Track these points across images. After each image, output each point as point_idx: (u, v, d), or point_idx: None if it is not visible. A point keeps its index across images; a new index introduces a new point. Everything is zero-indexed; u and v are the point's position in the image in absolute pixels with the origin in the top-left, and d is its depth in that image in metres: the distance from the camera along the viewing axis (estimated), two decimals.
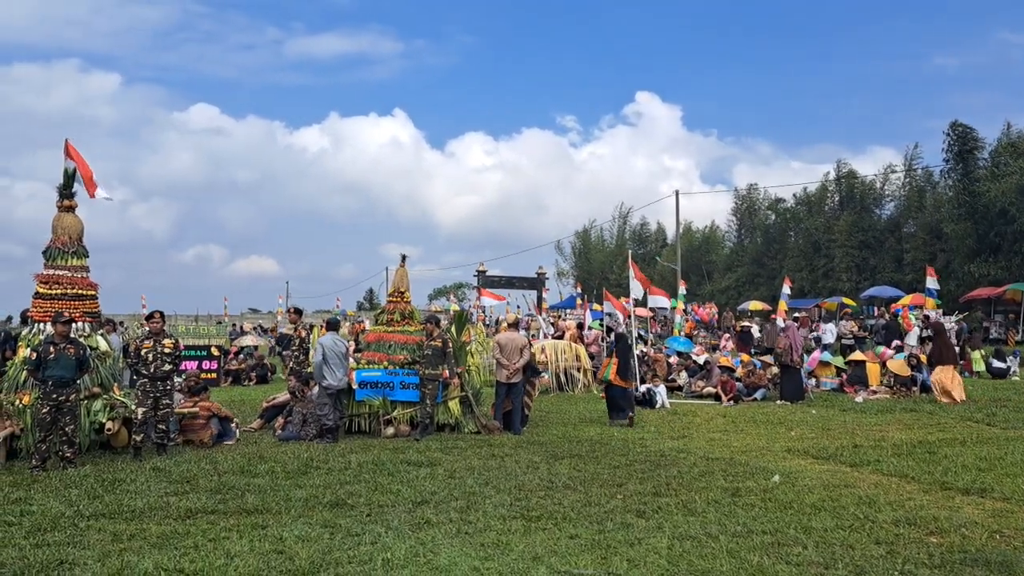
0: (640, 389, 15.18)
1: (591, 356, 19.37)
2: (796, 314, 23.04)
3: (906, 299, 28.16)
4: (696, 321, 30.75)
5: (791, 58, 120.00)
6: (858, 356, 18.32)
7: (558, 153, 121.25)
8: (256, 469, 8.72)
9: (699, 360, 19.11)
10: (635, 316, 18.93)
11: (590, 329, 24.11)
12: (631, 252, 20.64)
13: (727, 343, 23.35)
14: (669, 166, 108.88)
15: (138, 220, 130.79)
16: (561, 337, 20.54)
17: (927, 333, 16.37)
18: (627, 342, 14.16)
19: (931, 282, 23.39)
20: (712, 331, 30.17)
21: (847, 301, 34.26)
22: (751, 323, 28.11)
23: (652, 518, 6.62)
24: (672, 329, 27.70)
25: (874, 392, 16.34)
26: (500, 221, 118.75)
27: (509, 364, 11.78)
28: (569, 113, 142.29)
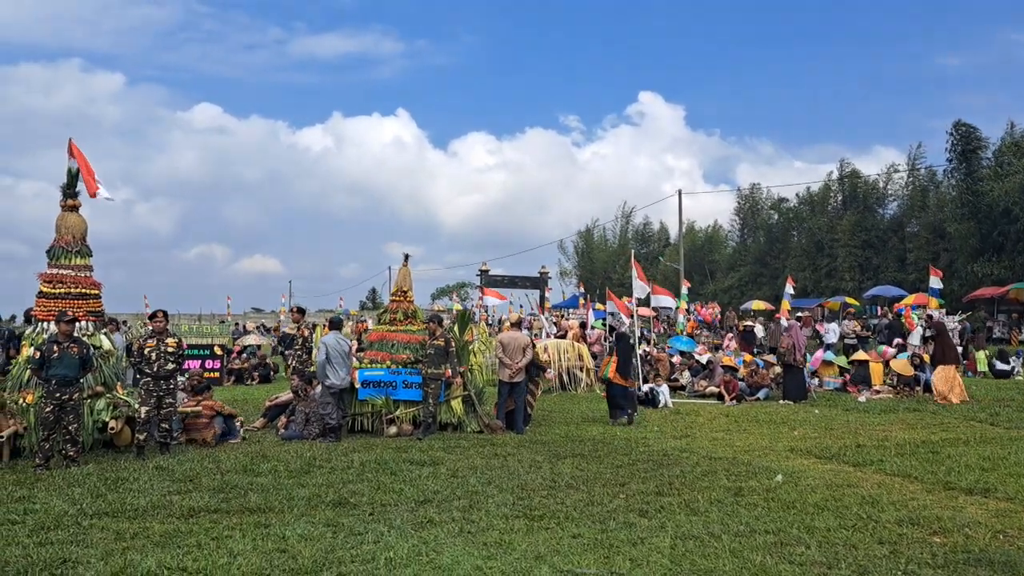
0: (643, 388, 15.18)
1: (594, 356, 19.36)
2: (799, 314, 23.03)
3: (909, 299, 28.14)
4: (699, 321, 30.74)
5: (794, 58, 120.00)
6: (861, 356, 18.30)
7: (561, 153, 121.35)
8: (259, 468, 8.72)
9: (702, 360, 19.09)
10: (638, 315, 18.91)
11: (593, 328, 24.09)
12: (634, 252, 20.62)
13: (730, 342, 23.34)
14: (672, 166, 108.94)
15: (142, 219, 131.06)
16: (564, 337, 20.53)
17: (930, 333, 16.32)
18: (628, 340, 14.16)
19: (934, 282, 23.36)
20: (715, 331, 30.16)
21: (850, 301, 34.25)
22: (755, 322, 28.07)
23: (655, 517, 6.62)
24: (675, 328, 27.71)
25: (877, 392, 16.32)
26: (503, 220, 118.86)
27: (512, 364, 11.78)
28: (572, 113, 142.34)
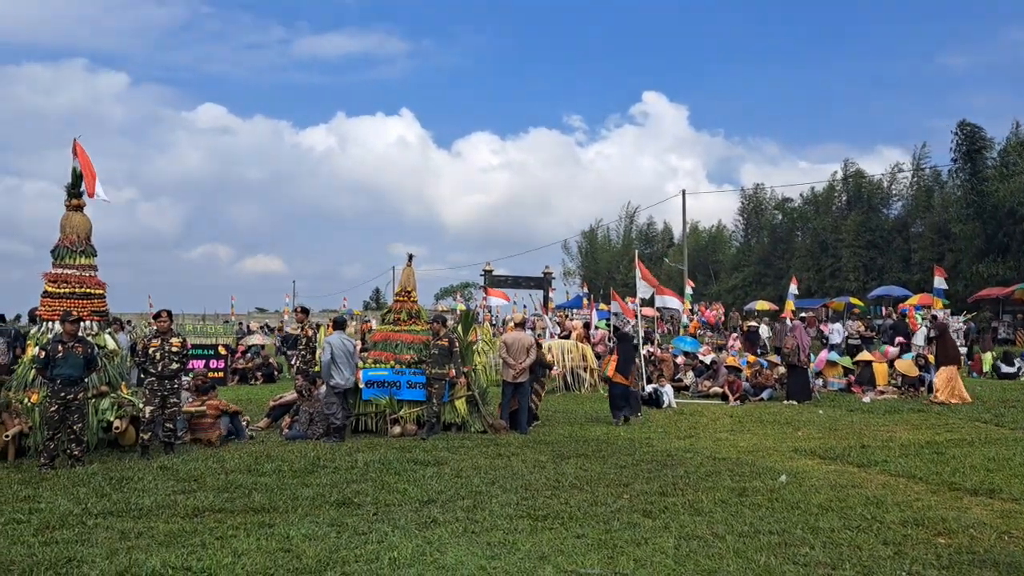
0: (647, 389, 15.18)
1: (597, 356, 19.34)
2: (803, 314, 22.99)
3: (914, 299, 28.08)
4: (702, 322, 30.71)
5: (798, 58, 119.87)
6: (866, 356, 18.29)
7: (565, 153, 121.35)
8: (263, 468, 8.73)
9: (706, 360, 19.08)
10: (641, 316, 18.90)
11: (596, 329, 24.08)
12: (638, 252, 20.60)
13: (734, 343, 23.31)
14: (676, 166, 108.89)
15: (146, 219, 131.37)
16: (568, 337, 20.52)
17: (935, 333, 16.29)
18: (629, 340, 14.16)
19: (939, 282, 23.32)
20: (719, 332, 30.14)
21: (855, 301, 34.19)
22: (759, 322, 28.04)
23: (659, 518, 6.61)
24: (679, 329, 27.70)
25: (881, 392, 16.30)
26: (507, 221, 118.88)
27: (516, 364, 11.78)
28: (576, 113, 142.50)
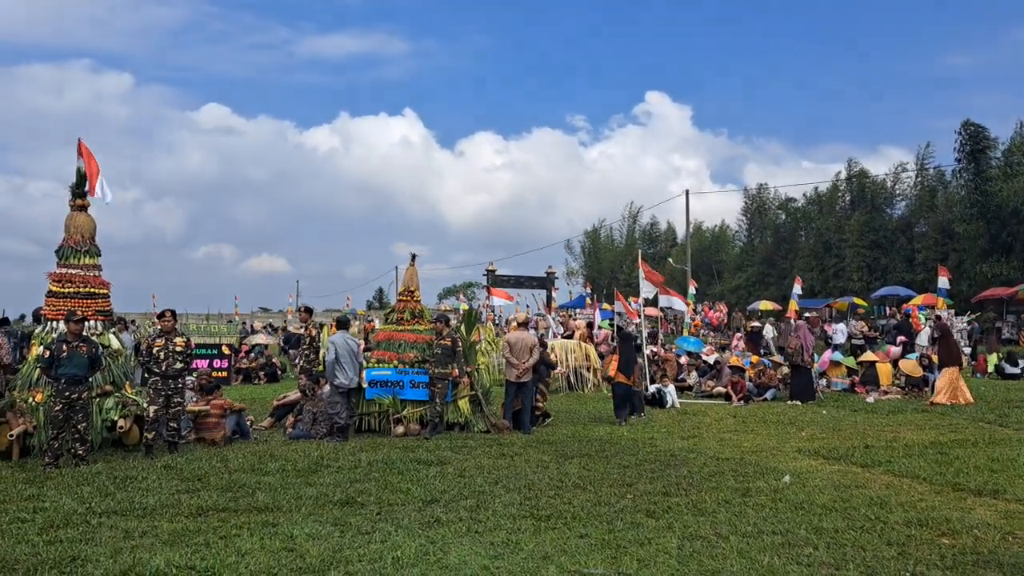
0: (650, 389, 15.17)
1: (600, 356, 19.34)
2: (807, 314, 22.95)
3: (917, 299, 28.04)
4: (704, 323, 30.68)
5: (802, 58, 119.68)
6: (870, 356, 18.26)
7: (568, 153, 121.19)
8: (267, 467, 8.74)
9: (709, 360, 19.07)
10: (645, 316, 18.90)
11: (600, 328, 24.08)
12: (641, 252, 20.58)
13: (738, 343, 23.29)
14: (679, 166, 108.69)
15: (150, 219, 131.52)
16: (571, 337, 20.52)
17: (938, 334, 16.26)
18: (631, 339, 14.16)
19: (943, 282, 23.27)
20: (721, 332, 30.11)
21: (858, 301, 34.12)
22: (765, 322, 27.99)
23: (662, 518, 6.61)
24: (683, 329, 27.67)
25: (885, 392, 16.27)
26: (510, 220, 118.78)
27: (519, 363, 11.78)
28: (579, 113, 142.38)
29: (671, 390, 15.30)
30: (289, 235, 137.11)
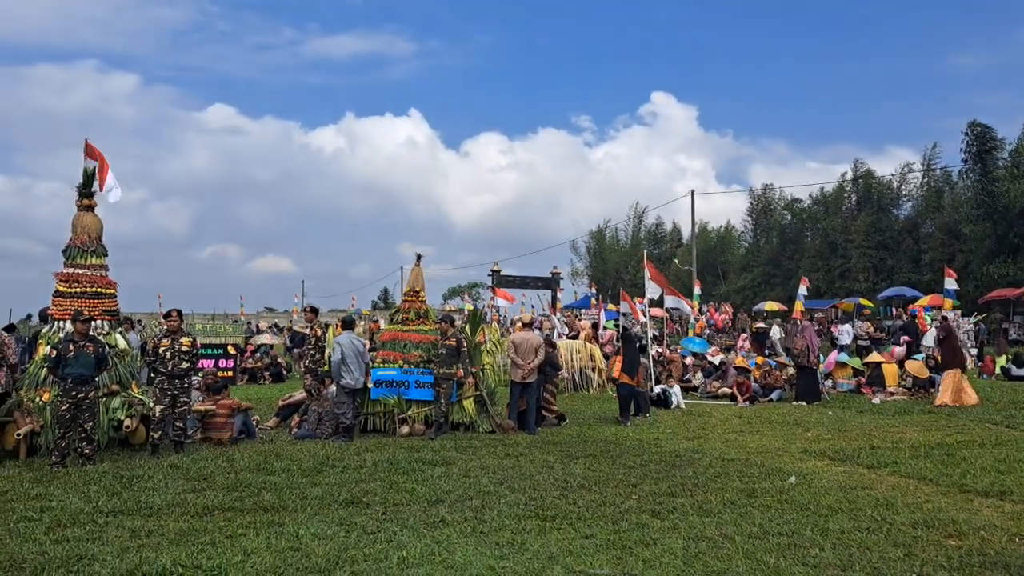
0: (655, 389, 15.16)
1: (606, 356, 19.33)
2: (819, 314, 22.86)
3: (924, 300, 27.96)
4: (708, 323, 30.60)
5: (808, 58, 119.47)
6: (875, 357, 18.19)
7: (573, 153, 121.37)
8: (272, 467, 8.76)
9: (714, 361, 19.04)
10: (650, 316, 18.87)
11: (605, 329, 24.06)
12: (646, 252, 20.56)
13: (743, 343, 23.24)
14: (684, 166, 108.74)
15: (156, 219, 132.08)
16: (576, 337, 20.51)
17: (942, 335, 16.17)
18: (634, 340, 14.15)
19: (949, 283, 23.19)
20: (727, 333, 30.04)
21: (864, 302, 34.04)
22: (772, 324, 27.91)
23: (667, 519, 6.60)
24: (687, 329, 27.64)
25: (891, 393, 16.22)
26: (515, 221, 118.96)
27: (524, 364, 11.78)
28: (584, 113, 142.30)
29: (676, 391, 15.29)
30: (294, 235, 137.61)
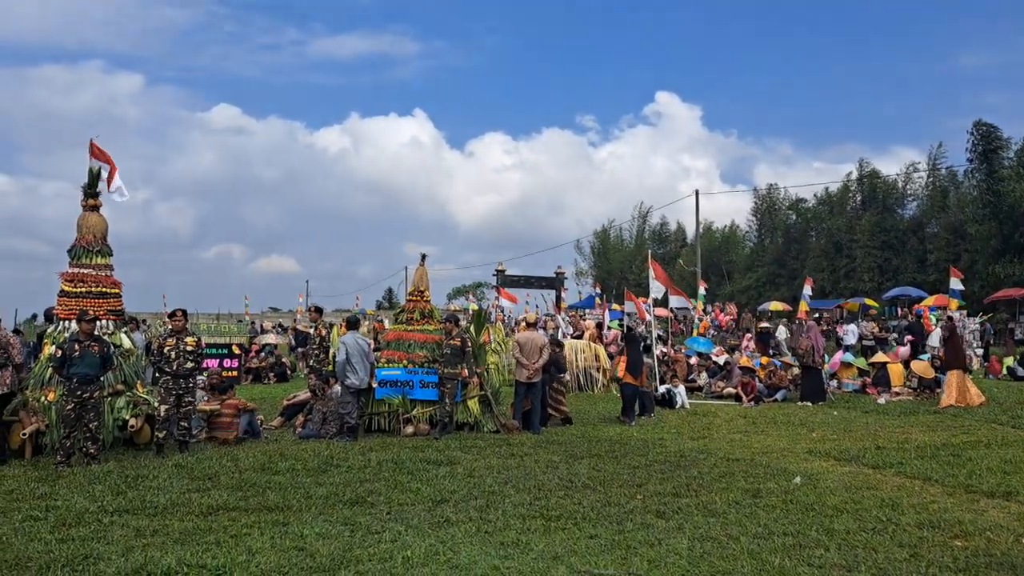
0: (660, 389, 15.14)
1: (610, 356, 19.31)
2: (822, 315, 22.79)
3: (929, 300, 27.85)
4: (713, 324, 30.53)
5: (813, 57, 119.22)
6: (881, 358, 18.16)
7: (577, 153, 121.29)
8: (277, 467, 8.77)
9: (719, 360, 19.01)
10: (655, 316, 18.86)
11: (609, 329, 24.03)
12: (651, 252, 20.53)
13: (748, 343, 23.21)
14: (689, 166, 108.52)
15: (161, 219, 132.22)
16: (580, 337, 20.50)
17: (945, 335, 16.10)
18: (638, 340, 14.14)
19: (955, 283, 23.11)
20: (732, 333, 29.95)
21: (869, 302, 33.95)
22: (778, 324, 27.85)
23: (672, 519, 6.60)
24: (692, 329, 27.59)
25: (897, 394, 16.18)
26: (519, 221, 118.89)
27: (529, 364, 11.77)
28: (589, 113, 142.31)
29: (681, 391, 15.27)
30: (299, 235, 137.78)
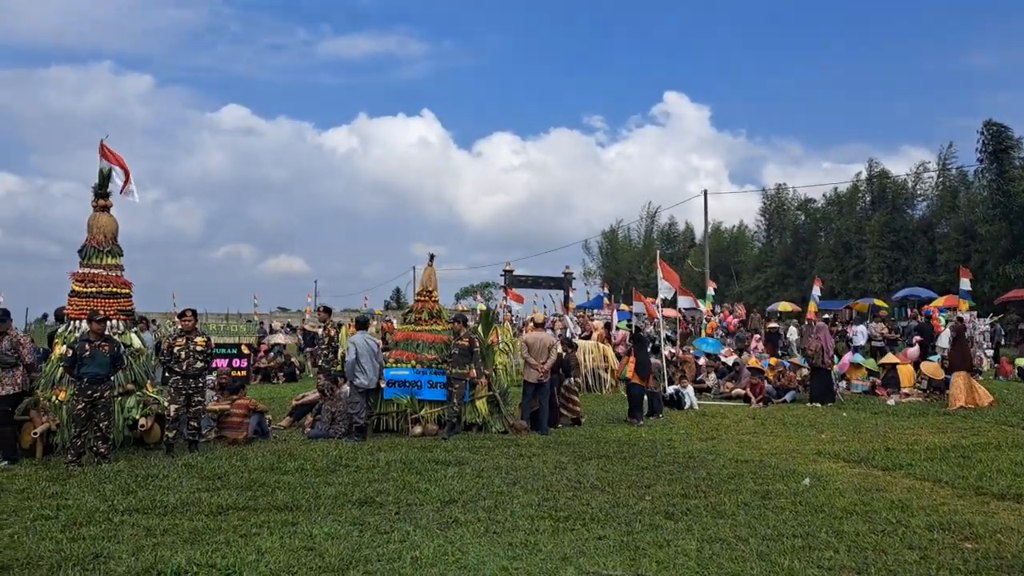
0: (669, 390, 15.11)
1: (618, 356, 19.29)
2: (825, 315, 22.71)
3: (939, 301, 27.71)
4: (721, 325, 30.43)
5: (821, 57, 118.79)
6: (890, 359, 18.07)
7: (586, 153, 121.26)
8: (286, 466, 8.79)
9: (728, 361, 18.97)
10: (663, 317, 18.83)
11: (617, 329, 24.00)
12: (659, 252, 20.49)
13: (757, 344, 23.14)
14: (697, 166, 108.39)
15: (170, 219, 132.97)
16: (588, 337, 20.48)
17: (953, 335, 15.98)
18: (645, 341, 14.11)
19: (965, 283, 22.98)
20: (737, 339, 29.84)
21: (879, 303, 33.80)
22: (789, 324, 27.73)
23: (681, 520, 6.58)
24: (700, 330, 27.53)
25: (906, 395, 16.10)
26: (527, 221, 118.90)
27: (538, 364, 11.77)
28: (597, 113, 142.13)
29: (690, 391, 15.24)
30: (308, 235, 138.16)
